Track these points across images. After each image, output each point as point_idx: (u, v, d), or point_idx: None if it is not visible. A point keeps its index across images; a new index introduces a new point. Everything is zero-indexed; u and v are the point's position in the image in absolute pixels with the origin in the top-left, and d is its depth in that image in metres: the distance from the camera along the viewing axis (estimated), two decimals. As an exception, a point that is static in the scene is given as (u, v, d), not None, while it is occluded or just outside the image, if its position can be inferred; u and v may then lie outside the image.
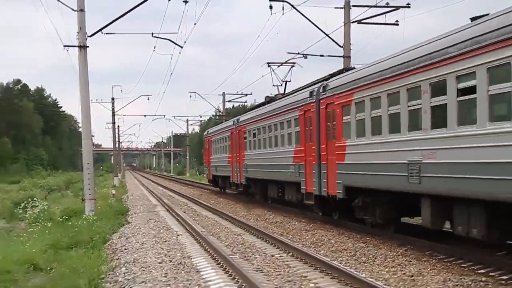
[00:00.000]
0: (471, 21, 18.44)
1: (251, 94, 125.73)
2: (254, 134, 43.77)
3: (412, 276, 16.95)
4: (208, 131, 72.91)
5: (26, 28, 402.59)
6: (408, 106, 20.79)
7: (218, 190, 64.95)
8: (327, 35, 39.98)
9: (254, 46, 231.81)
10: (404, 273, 17.35)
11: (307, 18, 40.04)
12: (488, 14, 17.71)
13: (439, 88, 18.94)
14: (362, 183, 24.83)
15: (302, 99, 32.22)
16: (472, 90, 17.31)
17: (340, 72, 29.72)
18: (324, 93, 28.67)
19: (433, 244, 20.74)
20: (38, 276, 19.78)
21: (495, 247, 18.32)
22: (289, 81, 46.41)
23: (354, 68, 29.35)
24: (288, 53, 45.82)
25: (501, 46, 15.93)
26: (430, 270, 17.68)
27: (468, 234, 18.16)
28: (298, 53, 43.19)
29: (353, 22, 39.19)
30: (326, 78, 30.26)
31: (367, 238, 24.50)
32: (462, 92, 17.85)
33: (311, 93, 30.58)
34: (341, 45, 39.74)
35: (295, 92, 36.18)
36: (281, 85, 47.28)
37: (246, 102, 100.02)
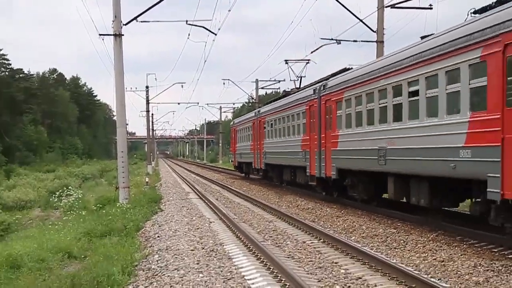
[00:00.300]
0: (421, 38, 24.11)
1: (283, 80, 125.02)
2: (271, 124, 49.50)
3: (442, 261, 16.87)
4: (234, 121, 79.14)
5: (62, 18, 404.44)
6: (379, 104, 26.30)
7: (243, 175, 69.63)
8: (360, 20, 39.82)
9: (288, 32, 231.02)
10: (435, 259, 17.25)
11: (340, 3, 39.89)
12: (432, 34, 23.32)
13: (397, 91, 24.42)
14: (350, 165, 30.22)
15: (307, 95, 38.03)
16: (416, 93, 22.67)
17: (339, 72, 34.25)
18: (324, 91, 34.18)
19: (464, 229, 20.67)
20: (72, 264, 19.89)
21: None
22: (304, 77, 52.77)
23: (350, 69, 33.03)
24: (322, 38, 45.71)
25: (432, 61, 21.38)
26: (461, 255, 17.58)
27: (418, 203, 23.33)
28: (332, 39, 43.03)
29: (386, 7, 38.95)
30: (327, 78, 35.61)
31: (398, 224, 24.44)
32: (411, 94, 23.21)
33: (314, 90, 36.27)
34: (375, 30, 39.56)
35: (305, 88, 41.93)
36: (297, 79, 51.10)
37: (279, 88, 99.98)
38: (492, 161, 17.61)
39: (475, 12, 20.48)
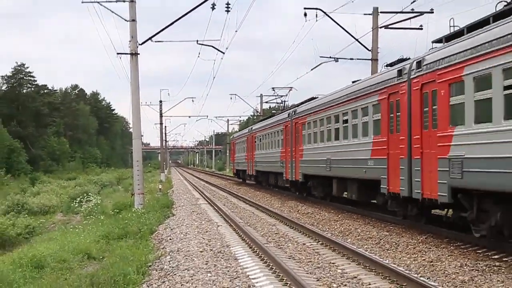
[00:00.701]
0: (352, 82, 31.14)
1: (286, 95, 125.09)
2: (260, 139, 58.23)
3: (431, 261, 16.86)
4: (233, 136, 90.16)
5: (84, 38, 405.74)
6: (327, 127, 33.42)
7: (241, 181, 77.09)
8: (356, 39, 39.98)
9: (291, 51, 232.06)
10: (424, 259, 17.26)
11: (338, 24, 40.06)
12: (359, 80, 30.60)
13: (336, 119, 31.64)
14: (310, 171, 37.55)
15: (284, 118, 45.60)
16: (347, 121, 29.66)
17: (307, 101, 41.15)
18: (295, 115, 41.42)
19: (451, 232, 20.65)
20: (91, 264, 19.98)
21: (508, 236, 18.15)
22: (286, 101, 61.61)
23: (316, 98, 39.25)
24: (321, 57, 45.96)
25: (355, 100, 28.60)
26: (448, 256, 17.58)
27: (352, 197, 30.56)
28: (330, 57, 43.29)
29: (381, 27, 39.13)
30: (298, 105, 43.15)
31: (391, 227, 24.44)
32: (344, 121, 30.17)
33: (288, 114, 44.06)
34: (370, 49, 39.65)
35: (284, 111, 51.06)
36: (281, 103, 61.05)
37: (281, 103, 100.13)
38: (383, 168, 24.70)
39: (387, 65, 26.80)
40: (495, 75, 16.02)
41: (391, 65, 25.90)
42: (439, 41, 21.56)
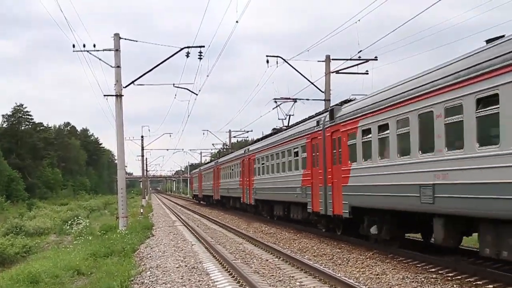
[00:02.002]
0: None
1: (251, 131, 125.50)
2: (222, 170, 63.26)
3: (377, 275, 16.85)
4: (200, 168, 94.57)
5: (75, 81, 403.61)
6: (271, 162, 37.20)
7: (204, 203, 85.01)
8: (312, 83, 40.19)
9: (255, 92, 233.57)
10: (371, 273, 17.24)
11: (296, 70, 40.27)
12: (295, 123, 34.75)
13: (283, 154, 34.10)
14: (259, 197, 41.16)
15: (240, 154, 50.24)
16: (297, 154, 31.31)
17: (262, 138, 44.28)
18: (248, 152, 45.62)
19: (394, 249, 20.67)
20: (80, 279, 19.83)
21: (445, 251, 18.22)
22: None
23: (269, 136, 41.72)
24: (281, 98, 45.63)
25: (290, 142, 32.52)
26: (392, 269, 17.58)
27: (279, 216, 37.15)
28: (288, 98, 43.50)
29: (332, 72, 39.46)
30: (251, 143, 50.61)
31: (342, 245, 24.39)
32: (294, 154, 31.74)
33: (244, 151, 48.13)
34: (323, 90, 39.87)
35: (241, 149, 57.78)
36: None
37: (247, 137, 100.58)
38: (308, 193, 28.43)
39: (315, 115, 29.47)
40: (374, 129, 20.40)
41: (311, 117, 30.24)
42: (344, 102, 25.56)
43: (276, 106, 45.89)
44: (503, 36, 14.25)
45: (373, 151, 20.60)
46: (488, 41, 14.78)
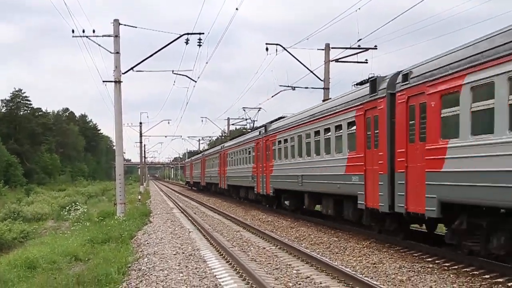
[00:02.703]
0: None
1: (249, 118, 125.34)
2: (208, 161, 74.94)
3: (374, 264, 16.90)
4: (191, 158, 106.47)
5: (74, 67, 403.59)
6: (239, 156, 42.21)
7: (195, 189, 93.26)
8: (311, 71, 40.05)
9: (254, 80, 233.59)
10: (368, 262, 17.29)
11: (295, 58, 40.17)
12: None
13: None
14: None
15: (218, 149, 60.40)
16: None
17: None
18: (224, 149, 53.03)
19: (391, 238, 20.68)
20: (78, 265, 19.77)
21: (441, 242, 18.24)
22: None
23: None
24: (280, 85, 46.18)
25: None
26: (389, 259, 17.63)
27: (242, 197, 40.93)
28: (288, 86, 43.65)
29: (331, 61, 39.34)
30: (224, 142, 55.38)
31: (340, 234, 24.43)
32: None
33: (221, 147, 59.27)
34: (322, 79, 39.79)
35: (216, 146, 72.71)
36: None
37: (246, 125, 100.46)
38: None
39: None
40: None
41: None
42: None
43: (274, 95, 46.35)
44: None
45: None
46: None
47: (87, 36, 35.81)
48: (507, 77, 13.01)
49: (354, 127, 22.06)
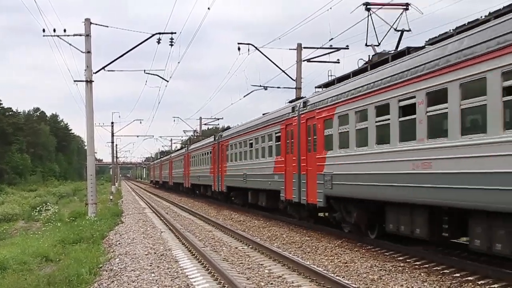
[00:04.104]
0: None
1: (222, 118, 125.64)
2: (175, 162, 79.11)
3: (346, 263, 16.96)
4: (161, 159, 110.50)
5: (45, 67, 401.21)
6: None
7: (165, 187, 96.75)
8: (283, 71, 40.22)
9: (226, 79, 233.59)
10: (340, 261, 17.34)
11: (267, 57, 40.27)
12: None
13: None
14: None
15: (183, 151, 64.22)
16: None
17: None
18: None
19: (362, 238, 20.79)
20: (49, 266, 19.66)
21: (412, 241, 18.37)
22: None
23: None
24: (252, 85, 46.25)
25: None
26: (360, 258, 17.71)
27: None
28: (260, 85, 43.75)
29: (303, 61, 39.46)
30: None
31: (311, 233, 24.50)
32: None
33: (185, 148, 64.08)
34: (294, 79, 39.88)
35: (182, 148, 76.91)
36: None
37: (218, 124, 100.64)
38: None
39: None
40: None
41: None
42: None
43: (246, 94, 46.52)
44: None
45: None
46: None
47: (58, 36, 35.66)
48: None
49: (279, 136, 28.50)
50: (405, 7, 22.00)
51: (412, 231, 16.67)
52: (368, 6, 22.24)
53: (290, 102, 29.13)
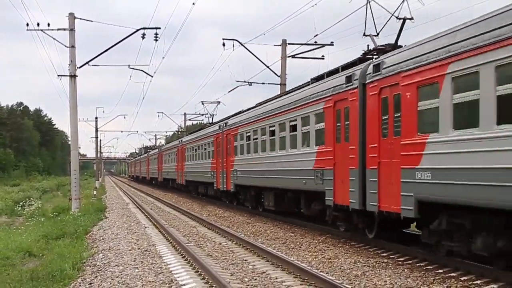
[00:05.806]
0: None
1: (208, 113, 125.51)
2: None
3: (330, 259, 16.99)
4: (149, 153, 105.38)
5: (29, 61, 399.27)
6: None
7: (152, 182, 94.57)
8: (267, 66, 40.12)
9: (211, 75, 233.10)
10: (324, 257, 17.36)
11: (252, 53, 40.18)
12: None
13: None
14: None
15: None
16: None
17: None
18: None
19: (346, 234, 20.81)
20: (32, 261, 19.55)
21: (398, 238, 18.43)
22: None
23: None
24: (237, 81, 46.36)
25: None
26: (344, 254, 17.75)
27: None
28: (245, 81, 43.65)
29: (288, 57, 39.42)
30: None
31: (296, 229, 24.53)
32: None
33: (159, 148, 74.07)
34: (279, 75, 39.86)
35: (168, 144, 79.33)
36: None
37: (203, 120, 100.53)
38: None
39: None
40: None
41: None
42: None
43: (231, 90, 46.38)
44: None
45: None
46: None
47: (41, 30, 35.56)
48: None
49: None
50: None
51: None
52: None
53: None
